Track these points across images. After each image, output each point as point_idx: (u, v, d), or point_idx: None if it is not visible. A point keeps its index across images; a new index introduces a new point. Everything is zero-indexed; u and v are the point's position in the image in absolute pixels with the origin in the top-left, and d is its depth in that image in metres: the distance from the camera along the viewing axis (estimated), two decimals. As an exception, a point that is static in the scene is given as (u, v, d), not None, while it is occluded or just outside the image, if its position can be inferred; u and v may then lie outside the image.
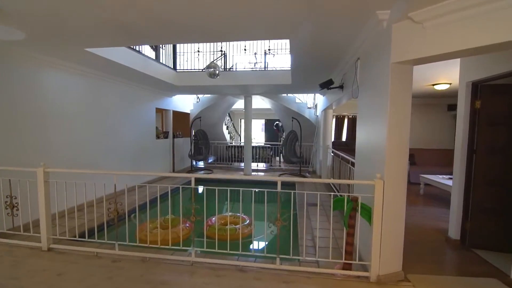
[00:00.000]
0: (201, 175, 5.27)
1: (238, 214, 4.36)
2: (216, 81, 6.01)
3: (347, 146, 10.37)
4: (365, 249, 2.69)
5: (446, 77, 5.22)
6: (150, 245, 2.95)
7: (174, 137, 8.33)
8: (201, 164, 9.63)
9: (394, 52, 2.22)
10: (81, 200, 3.29)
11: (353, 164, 4.13)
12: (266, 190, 3.09)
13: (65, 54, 3.74)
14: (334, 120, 11.83)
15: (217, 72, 4.50)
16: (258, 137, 15.79)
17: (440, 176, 5.52)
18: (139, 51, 4.84)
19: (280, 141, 10.21)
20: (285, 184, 7.26)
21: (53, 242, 3.15)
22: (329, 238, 3.50)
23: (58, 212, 3.41)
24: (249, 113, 7.86)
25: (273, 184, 2.89)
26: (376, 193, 2.33)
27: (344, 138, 11.88)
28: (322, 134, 7.24)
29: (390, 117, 2.26)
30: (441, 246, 3.25)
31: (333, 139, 11.61)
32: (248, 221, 4.09)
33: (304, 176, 7.73)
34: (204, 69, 4.65)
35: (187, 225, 3.99)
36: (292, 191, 2.94)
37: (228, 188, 3.03)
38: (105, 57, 3.91)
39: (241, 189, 2.99)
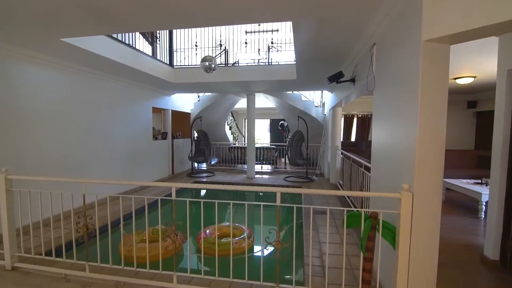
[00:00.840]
0: (183, 184, 4.53)
1: (237, 225, 3.89)
2: (216, 78, 5.56)
3: (356, 147, 9.80)
4: (387, 278, 2.17)
5: (471, 69, 4.64)
6: (125, 267, 2.50)
7: (173, 138, 7.91)
8: (203, 166, 9.20)
9: (426, 25, 1.71)
10: (55, 211, 2.86)
11: (367, 168, 3.61)
12: (262, 203, 2.59)
13: (38, 45, 3.33)
14: (342, 119, 11.28)
15: (212, 65, 4.04)
16: (264, 137, 15.31)
17: (464, 181, 4.93)
18: (129, 44, 4.42)
19: (285, 142, 9.69)
20: (289, 186, 6.79)
21: (18, 260, 2.73)
22: (340, 257, 2.99)
23: (26, 226, 2.98)
24: (252, 113, 7.38)
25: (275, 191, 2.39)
26: (402, 209, 1.82)
27: (353, 139, 11.30)
28: (331, 134, 6.71)
29: (422, 112, 1.75)
30: (476, 269, 2.70)
31: (342, 139, 11.06)
32: (247, 232, 3.60)
33: (311, 179, 7.21)
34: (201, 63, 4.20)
35: (178, 237, 3.53)
36: (295, 205, 2.41)
37: (216, 201, 2.53)
38: (87, 49, 3.49)
39: (231, 201, 2.48)
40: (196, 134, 7.86)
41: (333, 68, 4.09)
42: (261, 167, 8.93)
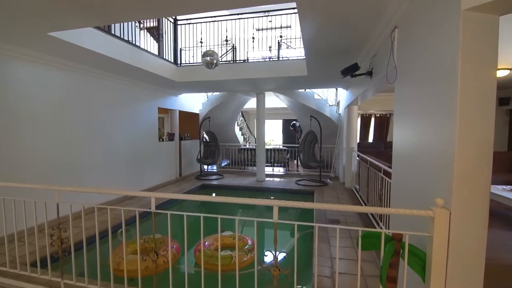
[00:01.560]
0: (163, 194, 4.29)
1: (240, 235, 3.54)
2: (222, 76, 5.26)
3: (374, 148, 9.22)
4: (414, 315, 1.75)
5: (507, 59, 4.06)
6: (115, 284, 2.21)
7: (181, 139, 7.69)
8: (214, 168, 8.94)
9: (469, -10, 1.29)
10: (41, 220, 2.62)
11: (387, 173, 3.16)
12: (256, 219, 2.22)
13: (24, 40, 3.13)
14: (359, 119, 10.69)
15: (214, 61, 3.73)
16: (277, 138, 14.91)
17: (500, 187, 4.33)
18: (127, 41, 4.19)
19: (297, 143, 9.24)
20: (301, 193, 6.38)
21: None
22: (355, 277, 2.58)
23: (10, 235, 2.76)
24: (261, 112, 7.02)
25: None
26: (436, 231, 1.41)
27: (371, 139, 10.69)
28: (346, 135, 6.24)
29: (462, 107, 1.33)
30: (526, 299, 2.21)
31: (358, 141, 10.48)
32: (250, 243, 3.24)
33: (325, 183, 6.75)
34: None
35: (174, 246, 3.23)
36: (296, 223, 2.00)
37: (201, 215, 2.19)
38: (77, 45, 3.27)
39: (219, 216, 2.12)
40: (204, 135, 7.59)
41: (347, 61, 3.66)
42: (272, 169, 8.55)
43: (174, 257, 3.05)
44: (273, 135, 15.12)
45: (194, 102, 7.98)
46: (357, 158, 5.43)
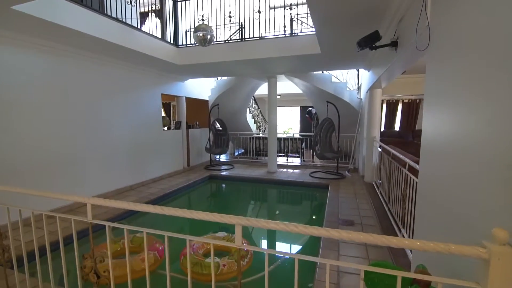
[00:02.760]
0: (99, 200, 3.70)
1: (233, 236, 3.09)
2: (227, 56, 4.74)
3: (400, 138, 8.34)
4: None
5: None
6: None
7: (189, 127, 7.34)
8: (223, 157, 8.57)
9: None
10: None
11: (412, 170, 2.54)
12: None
13: (-7, 18, 2.80)
14: (385, 106, 9.73)
15: (208, 36, 3.21)
16: (296, 127, 14.24)
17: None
18: (116, 18, 3.77)
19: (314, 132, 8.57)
20: (314, 186, 5.78)
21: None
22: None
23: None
24: (273, 98, 6.45)
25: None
26: (491, 282, 0.84)
27: (397, 127, 9.74)
28: (367, 123, 5.52)
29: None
30: None
31: (383, 129, 9.57)
32: (245, 249, 2.80)
33: (342, 176, 6.12)
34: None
35: (161, 248, 2.85)
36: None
37: (144, 230, 1.72)
38: (50, 21, 2.89)
39: (166, 234, 1.60)
40: (213, 124, 7.18)
41: (366, 32, 2.98)
42: (286, 159, 8.01)
43: (156, 262, 2.68)
44: (291, 123, 14.44)
45: (202, 88, 7.55)
46: (379, 149, 4.75)
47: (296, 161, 7.91)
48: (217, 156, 8.29)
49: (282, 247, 3.50)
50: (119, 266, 2.47)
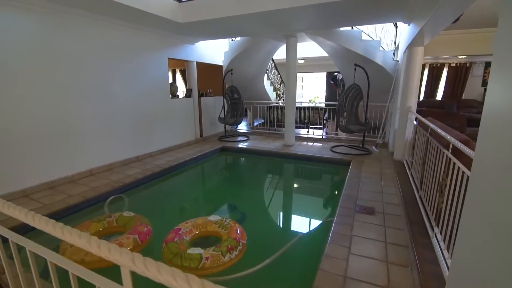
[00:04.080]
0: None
1: (228, 220, 2.68)
2: (234, 10, 4.03)
3: (442, 108, 7.20)
4: None
5: None
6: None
7: (202, 95, 6.88)
8: (243, 127, 8.11)
9: None
10: None
11: (458, 153, 1.85)
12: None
13: None
14: (426, 72, 8.40)
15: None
16: (322, 95, 13.19)
17: None
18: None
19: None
20: (334, 163, 5.08)
21: None
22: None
23: None
24: (292, 61, 5.67)
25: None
26: None
27: (439, 96, 8.48)
28: (402, 90, 4.62)
29: None
30: None
31: (421, 98, 8.37)
32: (237, 239, 2.38)
33: (368, 152, 5.39)
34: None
35: (145, 230, 2.54)
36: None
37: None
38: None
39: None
40: (228, 91, 6.62)
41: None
42: (307, 131, 7.34)
43: (136, 247, 2.37)
44: (317, 91, 13.38)
45: (215, 51, 6.89)
46: (414, 122, 3.93)
47: (318, 133, 7.22)
48: (235, 126, 7.84)
49: (282, 234, 3.05)
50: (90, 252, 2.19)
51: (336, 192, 4.08)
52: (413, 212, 2.67)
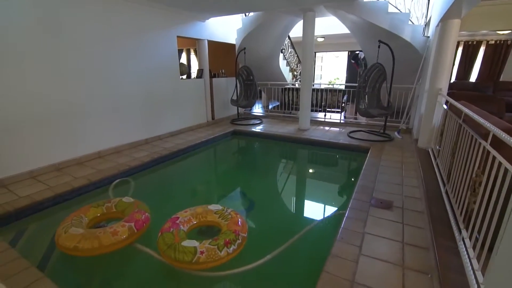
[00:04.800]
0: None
1: (229, 211, 2.51)
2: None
3: (477, 91, 6.50)
4: None
5: None
6: None
7: (213, 76, 6.62)
8: (258, 110, 7.83)
9: None
10: None
11: (497, 144, 1.51)
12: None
13: None
14: (460, 50, 7.57)
15: None
16: (342, 76, 12.50)
17: None
18: None
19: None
20: (351, 149, 4.68)
21: None
22: None
23: None
24: (309, 38, 5.23)
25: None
26: None
27: (473, 78, 7.68)
28: (432, 70, 4.12)
29: None
30: None
31: (453, 79, 7.63)
32: (236, 232, 2.20)
33: (390, 138, 4.98)
34: None
35: (143, 217, 2.42)
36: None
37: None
38: None
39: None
40: (240, 71, 6.31)
41: None
42: (324, 115, 6.94)
43: (132, 236, 2.26)
44: (337, 72, 12.67)
45: (227, 29, 6.53)
46: (444, 106, 3.49)
47: (336, 117, 6.80)
48: (248, 109, 7.58)
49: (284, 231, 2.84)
50: (85, 239, 2.11)
51: (350, 182, 3.78)
52: (437, 209, 2.36)
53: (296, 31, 7.19)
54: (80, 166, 3.79)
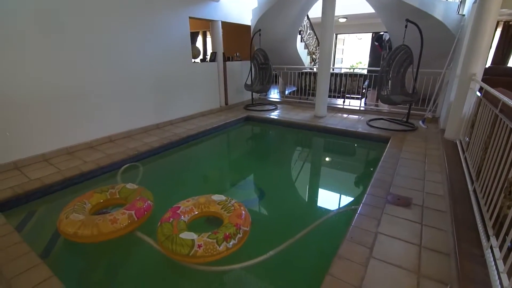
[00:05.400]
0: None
1: (233, 202, 2.38)
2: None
3: (516, 77, 5.86)
4: None
5: None
6: None
7: (227, 59, 6.41)
8: (275, 95, 7.58)
9: None
10: None
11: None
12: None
13: None
14: (499, 31, 6.81)
15: None
16: (365, 60, 11.82)
17: None
18: None
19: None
20: (369, 139, 4.35)
21: None
22: None
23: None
24: (328, 19, 4.87)
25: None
26: None
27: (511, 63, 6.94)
28: (466, 53, 3.68)
29: None
30: None
31: (488, 64, 6.93)
32: (237, 225, 2.08)
33: (413, 128, 4.62)
34: None
35: (145, 205, 2.36)
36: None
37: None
38: None
39: None
40: (255, 55, 6.05)
41: None
42: (343, 101, 6.59)
43: (132, 224, 2.21)
44: (360, 56, 11.98)
45: (242, 9, 6.22)
46: (478, 93, 3.12)
47: (356, 104, 6.43)
48: (263, 94, 7.34)
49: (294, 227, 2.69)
50: (85, 225, 2.08)
51: (366, 175, 3.54)
52: (462, 210, 2.10)
53: (316, 11, 6.74)
54: (91, 150, 3.81)
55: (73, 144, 3.73)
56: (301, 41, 7.47)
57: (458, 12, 4.51)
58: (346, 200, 3.01)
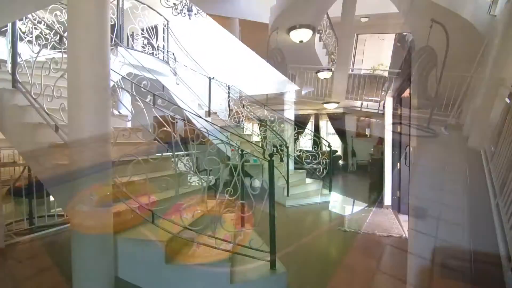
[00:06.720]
0: None
1: (238, 202, 2.33)
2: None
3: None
4: None
5: None
6: None
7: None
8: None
9: None
10: None
11: None
12: None
13: None
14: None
15: None
16: (387, 62, 11.40)
17: None
18: None
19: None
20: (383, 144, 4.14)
21: None
22: None
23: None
24: (348, 16, 4.71)
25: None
26: None
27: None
28: (496, 55, 3.43)
29: None
30: None
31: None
32: (239, 226, 2.03)
33: (433, 133, 4.38)
34: None
35: (151, 199, 2.36)
36: None
37: None
38: None
39: None
40: (273, 55, 5.97)
41: None
42: (361, 104, 6.37)
43: (137, 219, 2.21)
44: (382, 57, 11.56)
45: (261, 7, 6.14)
46: (507, 99, 2.88)
47: (374, 106, 6.20)
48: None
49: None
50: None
51: (379, 182, 3.39)
52: (483, 228, 1.94)
53: (337, 11, 6.55)
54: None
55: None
56: (319, 41, 7.28)
57: (489, 13, 4.20)
58: (356, 205, 2.88)
